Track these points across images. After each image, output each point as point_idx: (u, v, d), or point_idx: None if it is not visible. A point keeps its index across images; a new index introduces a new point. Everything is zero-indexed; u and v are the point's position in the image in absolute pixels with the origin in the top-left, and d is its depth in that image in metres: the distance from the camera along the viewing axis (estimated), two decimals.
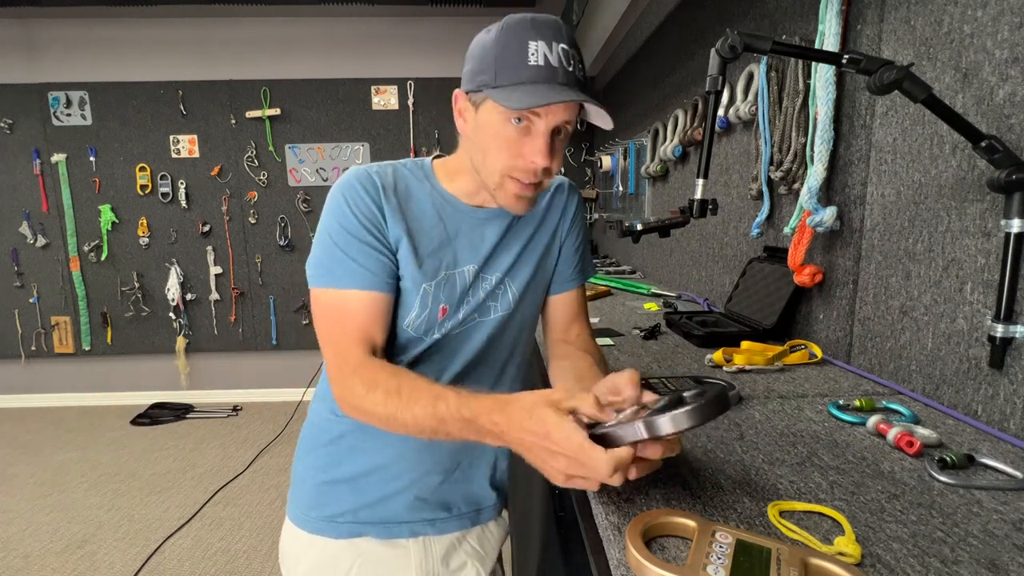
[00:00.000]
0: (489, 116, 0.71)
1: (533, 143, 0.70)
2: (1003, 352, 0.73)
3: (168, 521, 2.41)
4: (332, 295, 0.75)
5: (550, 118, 0.69)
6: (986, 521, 0.53)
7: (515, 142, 0.71)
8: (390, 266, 0.76)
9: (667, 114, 2.15)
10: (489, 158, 0.73)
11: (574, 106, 0.71)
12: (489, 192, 0.77)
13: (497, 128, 0.71)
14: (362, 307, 0.74)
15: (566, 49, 0.68)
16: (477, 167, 0.76)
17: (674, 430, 0.49)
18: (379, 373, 0.69)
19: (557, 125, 0.70)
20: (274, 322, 3.80)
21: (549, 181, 0.77)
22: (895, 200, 0.95)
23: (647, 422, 0.50)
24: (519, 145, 0.71)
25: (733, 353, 1.04)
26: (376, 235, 0.75)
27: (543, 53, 0.67)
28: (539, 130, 0.70)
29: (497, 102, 0.68)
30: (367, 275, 0.74)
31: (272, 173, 3.66)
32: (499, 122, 0.70)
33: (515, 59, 0.67)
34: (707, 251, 1.81)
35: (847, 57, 0.70)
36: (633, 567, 0.46)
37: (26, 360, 3.82)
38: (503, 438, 0.58)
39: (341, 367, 0.72)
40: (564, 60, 0.68)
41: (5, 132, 3.53)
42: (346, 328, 0.74)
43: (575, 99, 0.67)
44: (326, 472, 0.86)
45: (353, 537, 0.84)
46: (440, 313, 0.79)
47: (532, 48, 0.67)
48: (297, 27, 3.60)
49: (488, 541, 0.93)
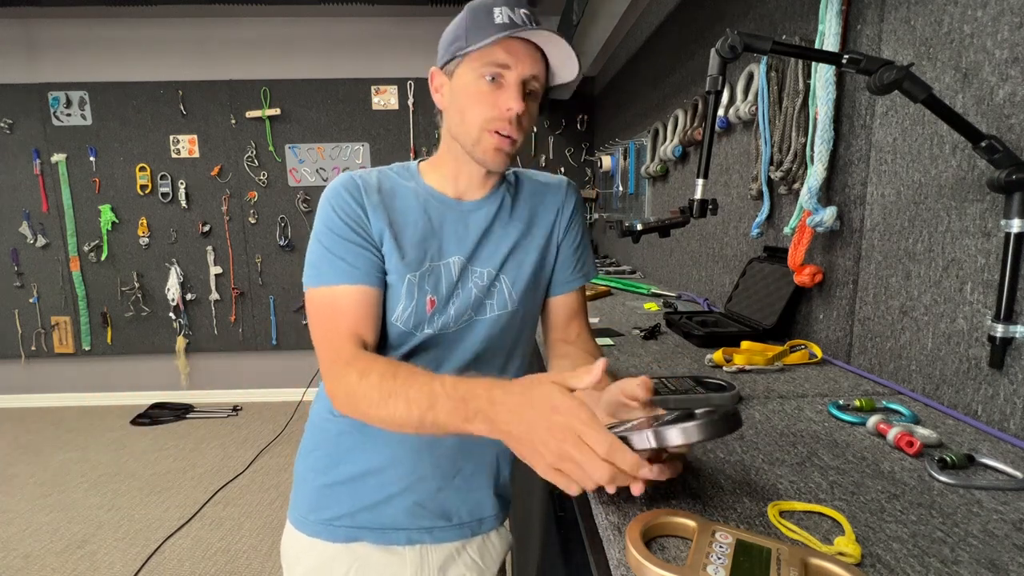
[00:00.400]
0: (464, 78, 0.77)
1: (507, 92, 0.75)
2: (1003, 352, 0.73)
3: (168, 521, 2.41)
4: (322, 293, 0.77)
5: (519, 68, 0.74)
6: (986, 521, 0.53)
7: (489, 95, 0.75)
8: (376, 262, 0.78)
9: (667, 114, 2.15)
10: (467, 115, 0.77)
11: (540, 61, 0.76)
12: (467, 151, 0.79)
13: (471, 87, 0.76)
14: (352, 302, 0.76)
15: (527, 12, 0.76)
16: (455, 132, 0.80)
17: (683, 442, 0.48)
18: (374, 362, 0.70)
19: (526, 78, 0.75)
20: (274, 322, 3.80)
21: (522, 139, 0.79)
22: (895, 200, 0.95)
23: (656, 431, 0.49)
24: (493, 97, 0.75)
25: (733, 353, 1.04)
26: (360, 232, 0.77)
27: (507, 14, 0.74)
28: (510, 81, 0.75)
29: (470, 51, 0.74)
30: (354, 271, 0.76)
31: (272, 173, 3.66)
32: (473, 80, 0.76)
33: (483, 22, 0.74)
34: (707, 251, 1.81)
35: (847, 57, 0.70)
36: (633, 567, 0.46)
37: (26, 360, 3.82)
38: (495, 421, 0.55)
39: (334, 361, 0.73)
40: (527, 19, 0.75)
41: (5, 132, 3.54)
42: (338, 325, 0.75)
43: (542, 30, 0.73)
44: (325, 474, 0.86)
45: (350, 541, 0.84)
46: (428, 305, 0.80)
47: (497, 12, 0.74)
48: (297, 27, 3.60)
49: (489, 553, 0.92)
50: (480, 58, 0.74)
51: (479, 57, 0.74)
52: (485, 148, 0.77)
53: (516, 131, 0.76)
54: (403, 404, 0.63)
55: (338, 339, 0.74)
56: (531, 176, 0.92)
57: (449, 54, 0.78)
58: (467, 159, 0.81)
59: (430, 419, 0.61)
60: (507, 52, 0.74)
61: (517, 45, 0.74)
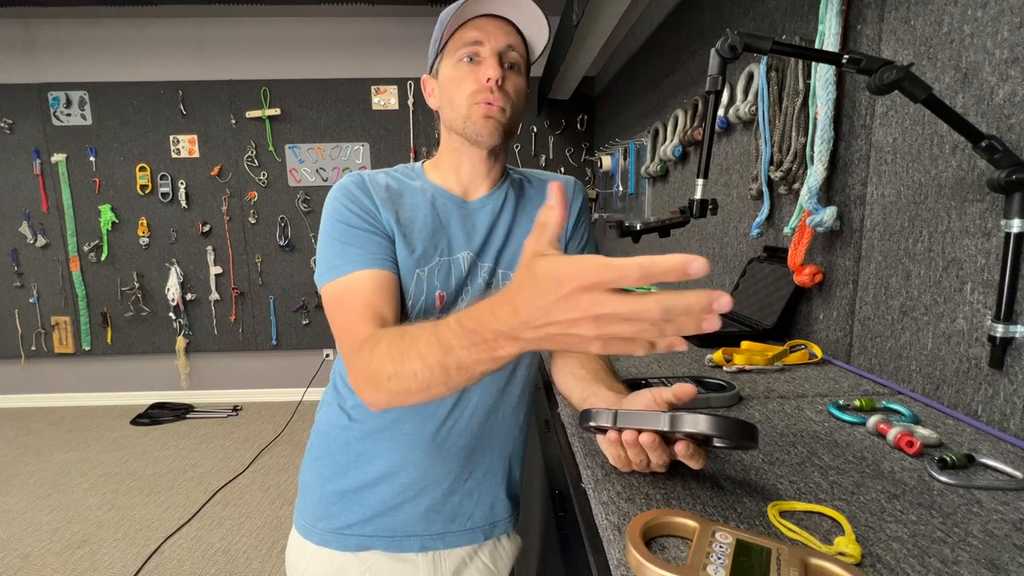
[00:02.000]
0: (446, 69, 0.80)
1: (483, 64, 0.77)
2: (1003, 352, 0.73)
3: (168, 521, 2.41)
4: (338, 285, 0.74)
5: (492, 42, 0.77)
6: (986, 521, 0.53)
7: (469, 73, 0.78)
8: (389, 248, 0.77)
9: (667, 114, 2.15)
10: (455, 99, 0.79)
11: (512, 31, 0.78)
12: (461, 133, 0.80)
13: (452, 73, 0.79)
14: (366, 285, 0.73)
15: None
16: (449, 121, 0.81)
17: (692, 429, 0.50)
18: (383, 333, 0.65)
19: (501, 50, 0.77)
20: (274, 322, 3.80)
21: (511, 109, 0.79)
22: (895, 200, 0.95)
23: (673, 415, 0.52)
24: (474, 74, 0.78)
25: (733, 353, 1.04)
26: (371, 222, 0.77)
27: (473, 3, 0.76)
28: (485, 54, 0.77)
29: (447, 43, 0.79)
30: (368, 256, 0.75)
31: (272, 173, 3.66)
32: (452, 67, 0.79)
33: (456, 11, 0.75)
34: (707, 251, 1.81)
35: (847, 57, 0.70)
36: (633, 567, 0.46)
37: (26, 360, 3.82)
38: (517, 331, 0.46)
39: (351, 345, 0.68)
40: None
41: (5, 132, 3.53)
42: (352, 307, 0.71)
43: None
44: (333, 482, 0.84)
45: (361, 550, 0.83)
46: (437, 301, 0.79)
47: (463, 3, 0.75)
48: (297, 27, 3.60)
49: (500, 558, 0.92)
50: (454, 44, 0.78)
51: (453, 44, 0.78)
52: (475, 120, 0.78)
53: (501, 99, 0.77)
54: (418, 360, 0.56)
55: (353, 321, 0.70)
56: (537, 175, 0.92)
57: (432, 56, 0.83)
58: (466, 148, 0.82)
59: (452, 364, 0.53)
60: (477, 30, 0.77)
61: (485, 22, 0.77)
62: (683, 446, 0.54)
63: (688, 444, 0.54)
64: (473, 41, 0.77)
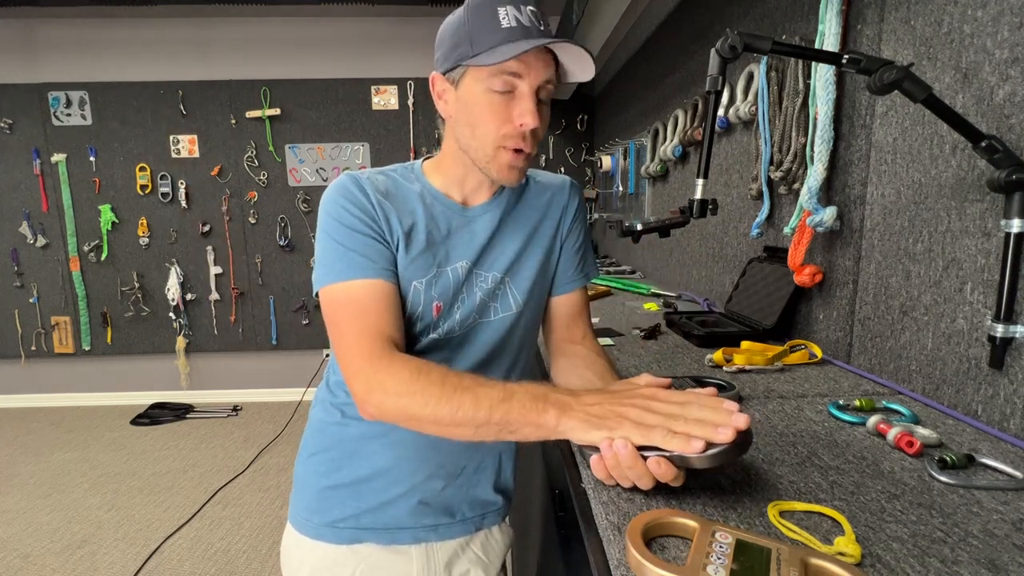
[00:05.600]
0: (471, 89, 0.72)
1: (520, 105, 0.71)
2: (1003, 352, 0.73)
3: (168, 521, 2.41)
4: (339, 290, 0.73)
5: (532, 77, 0.70)
6: (986, 521, 0.53)
7: (501, 109, 0.71)
8: (390, 255, 0.76)
9: (667, 114, 2.15)
10: (479, 131, 0.73)
11: (551, 63, 0.72)
12: (480, 167, 0.77)
13: (481, 99, 0.71)
14: (375, 299, 0.72)
15: (534, 10, 0.71)
16: (465, 146, 0.76)
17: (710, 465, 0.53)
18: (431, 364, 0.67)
19: (539, 85, 0.71)
20: (274, 322, 3.80)
21: (535, 148, 0.76)
22: (895, 200, 0.95)
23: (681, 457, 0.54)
24: (506, 111, 0.71)
25: (733, 353, 1.04)
26: (372, 225, 0.75)
27: (514, 15, 0.69)
28: (523, 92, 0.71)
29: (480, 65, 0.69)
30: (371, 265, 0.73)
31: (272, 173, 3.66)
32: (482, 92, 0.71)
33: (488, 25, 0.69)
34: (707, 251, 1.81)
35: (847, 57, 0.70)
36: (633, 567, 0.46)
37: (26, 360, 3.82)
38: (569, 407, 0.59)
39: (368, 360, 0.67)
40: (535, 19, 0.71)
41: (5, 132, 3.54)
42: (366, 323, 0.70)
43: (557, 41, 0.68)
44: (327, 477, 0.85)
45: (354, 543, 0.83)
46: (434, 311, 0.79)
47: (502, 13, 0.69)
48: (297, 27, 3.60)
49: (492, 548, 0.92)
50: (489, 68, 0.70)
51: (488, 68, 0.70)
52: (500, 166, 0.74)
53: (531, 145, 0.74)
54: (470, 399, 0.61)
55: (368, 338, 0.69)
56: (534, 177, 0.91)
57: (452, 61, 0.72)
58: (476, 169, 0.79)
59: (500, 413, 0.60)
60: (518, 60, 0.69)
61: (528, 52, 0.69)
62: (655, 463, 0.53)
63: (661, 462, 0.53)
64: (512, 72, 0.69)
